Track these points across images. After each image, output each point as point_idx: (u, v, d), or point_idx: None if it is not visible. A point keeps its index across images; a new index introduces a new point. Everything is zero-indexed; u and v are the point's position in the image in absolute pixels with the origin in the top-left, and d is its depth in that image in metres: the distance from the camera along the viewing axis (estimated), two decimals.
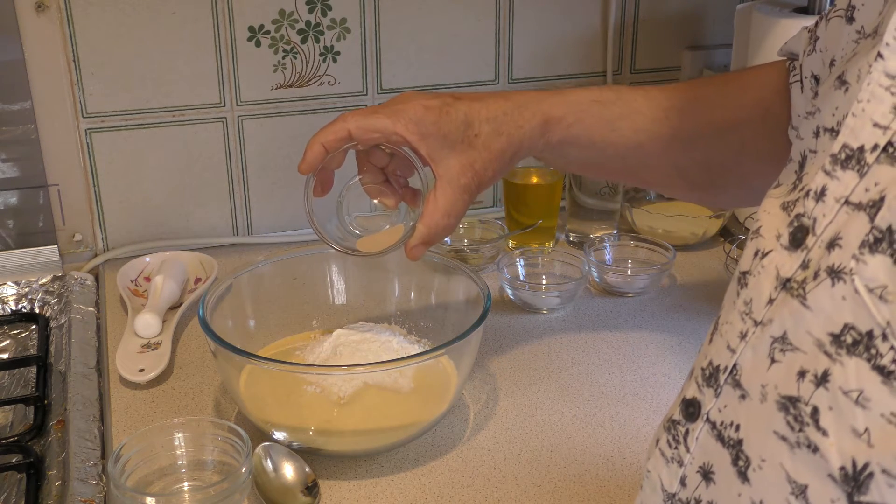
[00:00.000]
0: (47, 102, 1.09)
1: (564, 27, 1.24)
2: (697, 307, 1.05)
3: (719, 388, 0.46)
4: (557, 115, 0.77)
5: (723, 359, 0.46)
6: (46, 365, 0.96)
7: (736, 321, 0.46)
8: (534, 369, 0.94)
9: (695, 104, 0.79)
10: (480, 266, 1.13)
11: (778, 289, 0.43)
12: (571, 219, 1.20)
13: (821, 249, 0.41)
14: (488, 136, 0.75)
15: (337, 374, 0.81)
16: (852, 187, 0.40)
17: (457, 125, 0.75)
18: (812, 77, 0.65)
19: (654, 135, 0.78)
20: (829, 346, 0.39)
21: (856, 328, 0.37)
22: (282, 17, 1.13)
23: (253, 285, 0.92)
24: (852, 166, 0.40)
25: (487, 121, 0.75)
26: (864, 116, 0.41)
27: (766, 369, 0.42)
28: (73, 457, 0.79)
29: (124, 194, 1.16)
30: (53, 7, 1.05)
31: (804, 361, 0.40)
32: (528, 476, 0.79)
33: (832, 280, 0.39)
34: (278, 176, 1.20)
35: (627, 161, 0.81)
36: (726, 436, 0.45)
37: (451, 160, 0.75)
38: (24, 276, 1.10)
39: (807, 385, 0.40)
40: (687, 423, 0.48)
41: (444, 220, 0.76)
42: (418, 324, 0.93)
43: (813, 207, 0.42)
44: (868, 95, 0.41)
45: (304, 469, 0.77)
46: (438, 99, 0.75)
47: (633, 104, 0.79)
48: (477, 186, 0.76)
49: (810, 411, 0.39)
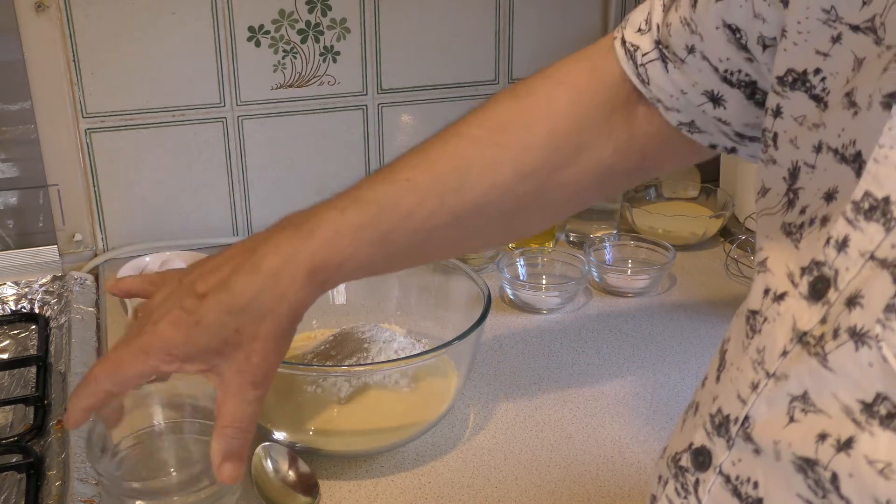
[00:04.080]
0: (47, 102, 1.09)
1: (564, 27, 1.24)
2: (697, 307, 1.05)
3: (731, 439, 0.44)
4: (319, 264, 0.63)
5: (733, 408, 0.44)
6: (46, 365, 0.96)
7: (747, 369, 0.44)
8: (534, 369, 0.94)
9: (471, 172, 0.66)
10: (480, 266, 1.13)
11: (794, 341, 0.41)
12: (571, 219, 1.20)
13: (840, 305, 0.39)
14: (251, 326, 0.63)
15: (337, 374, 0.81)
16: (878, 242, 0.38)
17: (211, 332, 0.63)
18: (728, 28, 0.58)
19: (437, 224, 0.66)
20: (858, 413, 0.37)
21: (890, 399, 0.36)
22: (282, 17, 1.13)
23: None
24: (877, 218, 0.38)
25: (242, 311, 0.63)
26: (887, 164, 0.38)
27: (783, 427, 0.41)
28: (73, 457, 0.79)
29: (124, 194, 1.16)
30: (53, 7, 1.06)
31: (827, 425, 0.39)
32: (528, 476, 0.79)
33: (856, 344, 0.37)
34: (278, 176, 1.20)
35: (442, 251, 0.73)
36: (744, 492, 0.43)
37: (223, 367, 0.64)
38: (24, 276, 1.10)
39: (826, 449, 0.38)
40: (697, 473, 0.47)
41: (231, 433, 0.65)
42: (418, 324, 0.93)
43: (834, 258, 0.40)
44: (891, 141, 0.38)
45: (304, 469, 0.77)
46: (182, 309, 0.63)
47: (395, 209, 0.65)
48: (263, 378, 0.65)
49: (829, 477, 0.38)
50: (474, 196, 0.66)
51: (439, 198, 0.65)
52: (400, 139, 1.23)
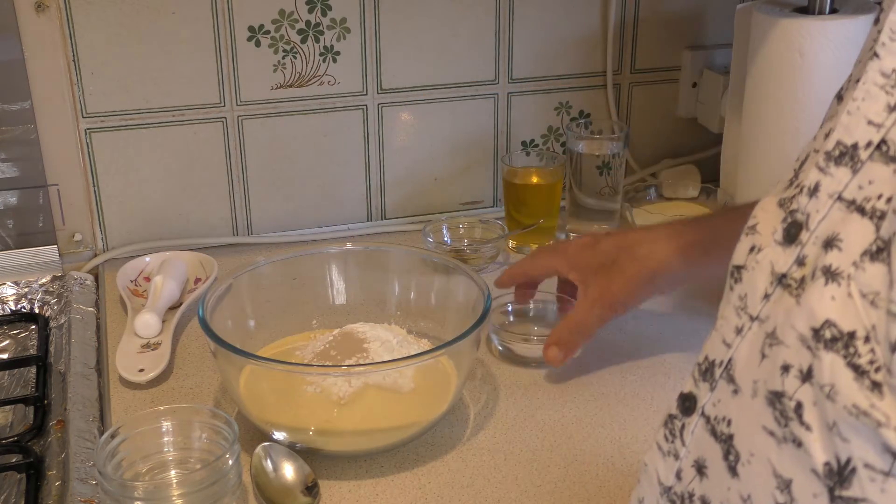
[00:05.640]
0: (47, 102, 1.09)
1: (564, 27, 1.24)
2: (697, 307, 1.05)
3: (714, 382, 0.46)
4: (693, 240, 0.85)
5: (718, 353, 0.46)
6: (46, 365, 0.96)
7: (731, 316, 0.46)
8: (534, 369, 0.94)
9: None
10: (480, 266, 1.13)
11: (773, 284, 0.43)
12: (571, 219, 1.20)
13: (816, 247, 0.41)
14: (624, 262, 0.87)
15: (337, 374, 0.80)
16: (845, 183, 0.41)
17: (602, 256, 0.89)
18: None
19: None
20: (810, 340, 0.39)
21: (836, 325, 0.38)
22: (282, 16, 1.13)
23: (253, 285, 0.92)
24: (846, 163, 0.41)
25: (624, 249, 0.88)
26: (858, 114, 0.41)
27: (758, 364, 0.43)
28: (73, 457, 0.79)
29: (124, 194, 1.16)
30: (53, 7, 1.05)
31: (787, 355, 0.41)
32: (528, 476, 0.79)
33: (826, 279, 0.39)
34: (278, 176, 1.20)
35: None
36: (719, 430, 0.45)
37: (592, 284, 0.89)
38: (24, 276, 1.10)
39: (791, 380, 0.40)
40: (683, 418, 0.48)
41: (569, 330, 0.89)
42: (418, 324, 0.93)
43: (806, 203, 0.42)
44: (863, 94, 0.41)
45: (304, 469, 0.77)
46: (591, 236, 0.93)
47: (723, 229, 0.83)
48: (610, 306, 0.88)
49: (794, 406, 0.40)
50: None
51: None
52: (400, 139, 1.23)
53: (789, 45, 0.98)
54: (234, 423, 0.74)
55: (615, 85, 1.29)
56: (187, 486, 0.71)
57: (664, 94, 1.32)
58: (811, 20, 0.98)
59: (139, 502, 0.69)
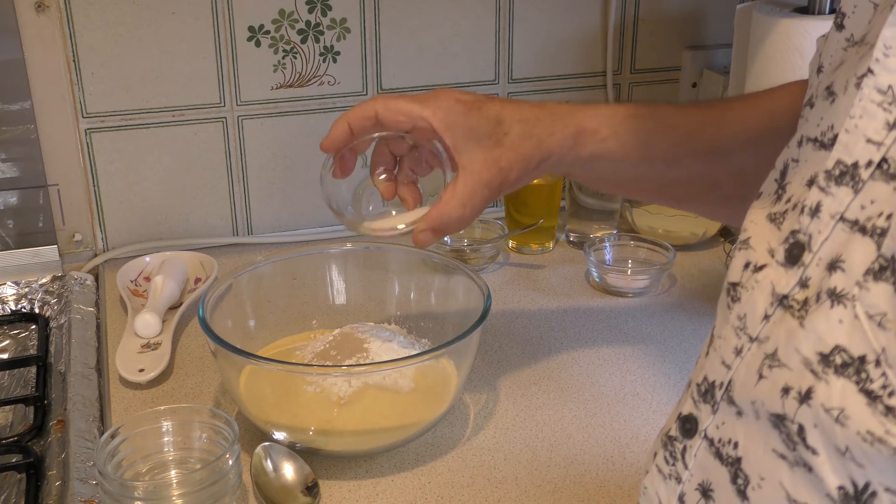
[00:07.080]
0: (47, 102, 1.09)
1: (564, 27, 1.24)
2: (697, 307, 1.05)
3: (716, 404, 0.46)
4: (591, 127, 0.74)
5: (718, 374, 0.46)
6: (46, 365, 0.96)
7: (730, 336, 0.46)
8: (534, 369, 0.94)
9: (729, 113, 0.77)
10: (480, 266, 1.13)
11: (774, 305, 0.43)
12: (571, 219, 1.20)
13: (820, 269, 0.41)
14: (518, 137, 0.73)
15: (337, 374, 0.80)
16: (847, 203, 0.40)
17: (486, 121, 0.73)
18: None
19: (691, 149, 0.76)
20: (815, 364, 0.39)
21: (847, 351, 0.38)
22: (282, 17, 1.13)
23: (253, 285, 0.92)
24: (846, 182, 0.41)
25: (519, 122, 0.74)
26: (857, 133, 0.41)
27: (754, 385, 0.42)
28: (73, 457, 0.79)
29: (124, 194, 1.16)
30: (53, 7, 1.05)
31: (788, 378, 0.40)
32: (528, 476, 0.79)
33: (832, 302, 0.39)
34: (278, 176, 1.20)
35: (662, 177, 0.78)
36: (724, 453, 0.45)
37: (476, 153, 0.73)
38: (24, 276, 1.10)
39: (791, 402, 0.40)
40: (684, 440, 0.48)
41: (457, 210, 0.74)
42: (418, 324, 0.93)
43: (808, 224, 0.42)
44: (860, 111, 0.41)
45: (304, 469, 0.77)
46: (472, 95, 0.75)
47: (668, 119, 0.77)
48: (499, 185, 0.74)
49: (797, 429, 0.39)
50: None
51: (701, 127, 0.76)
52: None
53: (789, 45, 0.98)
54: (234, 423, 0.74)
55: (615, 85, 1.29)
56: (187, 486, 0.71)
57: (664, 95, 1.32)
58: (811, 20, 0.98)
59: (139, 502, 0.69)
